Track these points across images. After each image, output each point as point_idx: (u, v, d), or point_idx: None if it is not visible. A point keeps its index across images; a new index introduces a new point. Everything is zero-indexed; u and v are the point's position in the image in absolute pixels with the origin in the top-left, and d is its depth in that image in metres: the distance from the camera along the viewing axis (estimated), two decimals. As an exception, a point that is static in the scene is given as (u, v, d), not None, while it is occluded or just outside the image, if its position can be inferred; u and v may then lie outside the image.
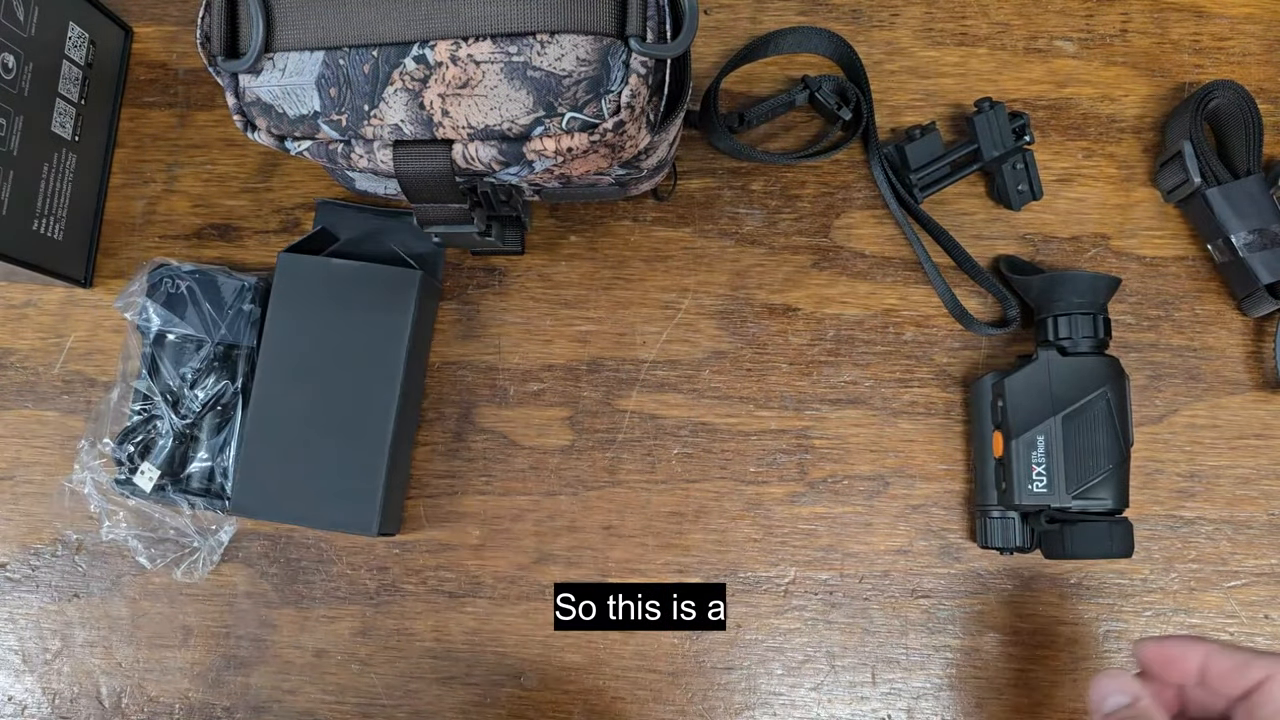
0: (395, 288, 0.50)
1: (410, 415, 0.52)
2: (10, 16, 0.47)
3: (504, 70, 0.38)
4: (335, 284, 0.51)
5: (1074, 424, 0.47)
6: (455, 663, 0.52)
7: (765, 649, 0.51)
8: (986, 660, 0.50)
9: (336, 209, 0.54)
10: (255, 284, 0.52)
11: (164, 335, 0.52)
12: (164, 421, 0.51)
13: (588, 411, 0.53)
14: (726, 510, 0.52)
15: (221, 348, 0.52)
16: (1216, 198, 0.49)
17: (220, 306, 0.52)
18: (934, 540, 0.51)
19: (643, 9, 0.37)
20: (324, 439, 0.50)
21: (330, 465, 0.49)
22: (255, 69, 0.40)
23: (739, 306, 0.53)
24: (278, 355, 0.51)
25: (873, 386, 0.52)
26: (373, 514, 0.49)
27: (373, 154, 0.40)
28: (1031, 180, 0.52)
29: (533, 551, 0.52)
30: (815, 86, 0.52)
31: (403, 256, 0.52)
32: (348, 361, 0.50)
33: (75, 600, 0.53)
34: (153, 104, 0.56)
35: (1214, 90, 0.50)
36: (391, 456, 0.49)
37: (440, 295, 0.54)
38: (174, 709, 0.52)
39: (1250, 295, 0.50)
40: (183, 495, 0.51)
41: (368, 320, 0.50)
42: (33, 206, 0.50)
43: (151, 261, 0.53)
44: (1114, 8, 0.54)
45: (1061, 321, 0.48)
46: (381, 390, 0.50)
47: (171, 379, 0.51)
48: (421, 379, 0.53)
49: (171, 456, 0.51)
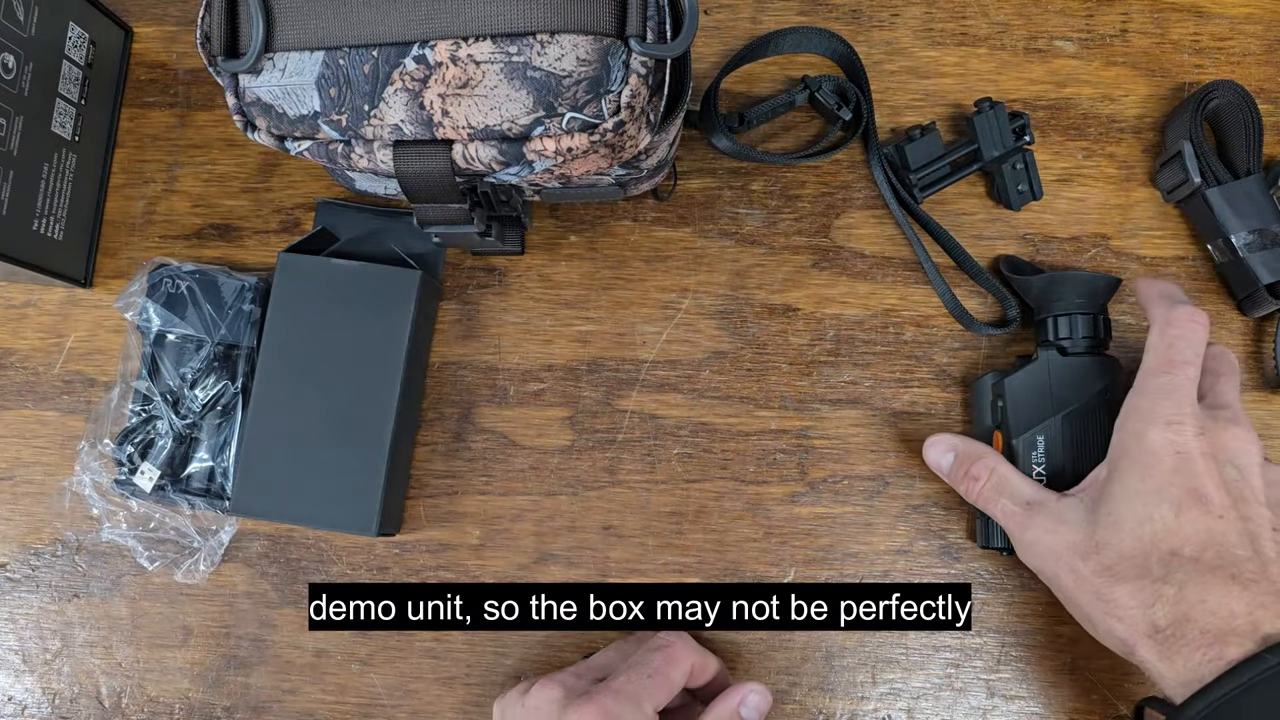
0: (395, 288, 0.50)
1: (410, 415, 0.52)
2: (10, 16, 0.47)
3: (504, 70, 0.38)
4: (335, 284, 0.51)
5: (1074, 424, 0.47)
6: (455, 663, 0.52)
7: (765, 648, 0.51)
8: (986, 660, 0.50)
9: (336, 209, 0.54)
10: (255, 284, 0.52)
11: (164, 335, 0.52)
12: (164, 422, 0.51)
13: (588, 411, 0.53)
14: (726, 510, 0.52)
15: (221, 348, 0.52)
16: (1216, 198, 0.49)
17: (220, 306, 0.52)
18: (934, 540, 0.51)
19: (643, 9, 0.37)
20: (324, 439, 0.50)
21: (330, 465, 0.49)
22: (255, 69, 0.40)
23: (739, 306, 0.53)
24: (278, 355, 0.51)
25: (873, 386, 0.52)
26: (373, 514, 0.49)
27: (373, 154, 0.40)
28: (1031, 180, 0.52)
29: (533, 551, 0.52)
30: (815, 86, 0.52)
31: (403, 256, 0.52)
32: (348, 361, 0.50)
33: (75, 600, 0.53)
34: (153, 104, 0.56)
35: (1214, 90, 0.50)
36: (391, 456, 0.49)
37: (441, 295, 0.54)
38: (174, 709, 0.52)
39: (1250, 295, 0.50)
40: (183, 495, 0.51)
41: (368, 320, 0.50)
42: (33, 206, 0.50)
43: (151, 261, 0.53)
44: (1114, 8, 0.54)
45: (1061, 321, 0.48)
46: (382, 390, 0.50)
47: (171, 379, 0.52)
48: (422, 379, 0.53)
49: (171, 457, 0.51)
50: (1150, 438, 0.40)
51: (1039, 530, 0.42)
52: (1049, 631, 0.50)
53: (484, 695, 0.51)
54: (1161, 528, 0.39)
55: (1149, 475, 0.40)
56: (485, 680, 0.51)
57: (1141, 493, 0.40)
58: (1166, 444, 0.40)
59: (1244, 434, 0.41)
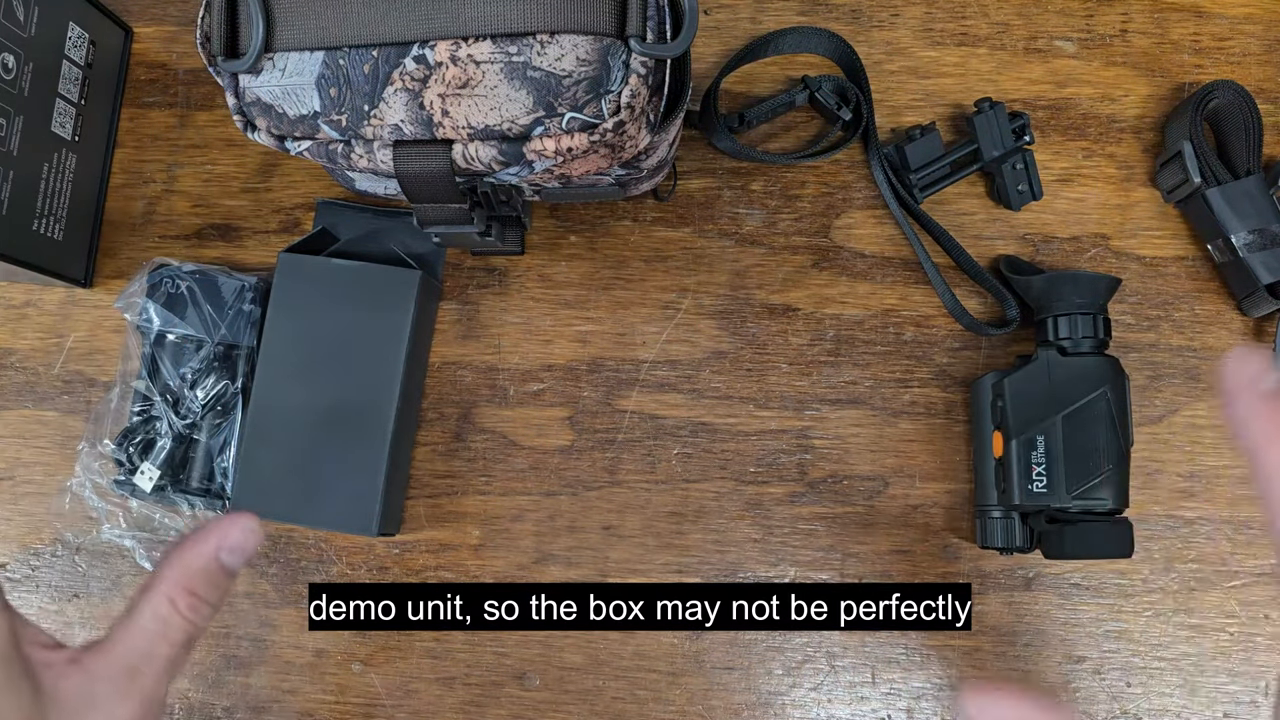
0: (395, 288, 0.50)
1: (410, 415, 0.52)
2: (10, 16, 0.47)
3: (504, 70, 0.38)
4: (335, 284, 0.51)
5: (1074, 424, 0.47)
6: (455, 663, 0.52)
7: (765, 649, 0.51)
8: (986, 660, 0.50)
9: (336, 209, 0.54)
10: (255, 284, 0.52)
11: (164, 335, 0.52)
12: (163, 422, 0.51)
13: (588, 411, 0.53)
14: (726, 510, 0.52)
15: (221, 348, 0.52)
16: (1216, 198, 0.49)
17: (220, 306, 0.52)
18: (934, 540, 0.51)
19: (643, 9, 0.37)
20: (324, 439, 0.50)
21: (330, 465, 0.49)
22: (255, 69, 0.40)
23: (739, 306, 0.53)
24: (278, 355, 0.51)
25: (873, 386, 0.52)
26: (373, 514, 0.49)
27: (373, 154, 0.40)
28: (1031, 180, 0.52)
29: (532, 551, 0.52)
30: (815, 86, 0.52)
31: (403, 257, 0.52)
32: (348, 361, 0.50)
33: (75, 600, 0.53)
34: (153, 104, 0.56)
35: (1214, 90, 0.50)
36: (391, 457, 0.49)
37: (440, 295, 0.54)
38: (174, 709, 0.52)
39: (1250, 295, 0.50)
40: (183, 496, 0.51)
41: (368, 320, 0.50)
42: (33, 206, 0.50)
43: (151, 262, 0.53)
44: (1114, 8, 0.54)
45: (1061, 321, 0.48)
46: (382, 390, 0.50)
47: (171, 379, 0.51)
48: (422, 379, 0.53)
49: (171, 457, 0.51)
50: None
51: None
52: (1048, 631, 0.50)
53: (484, 695, 0.51)
54: None
55: None
56: (485, 680, 0.51)
57: None
58: None
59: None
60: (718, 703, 0.51)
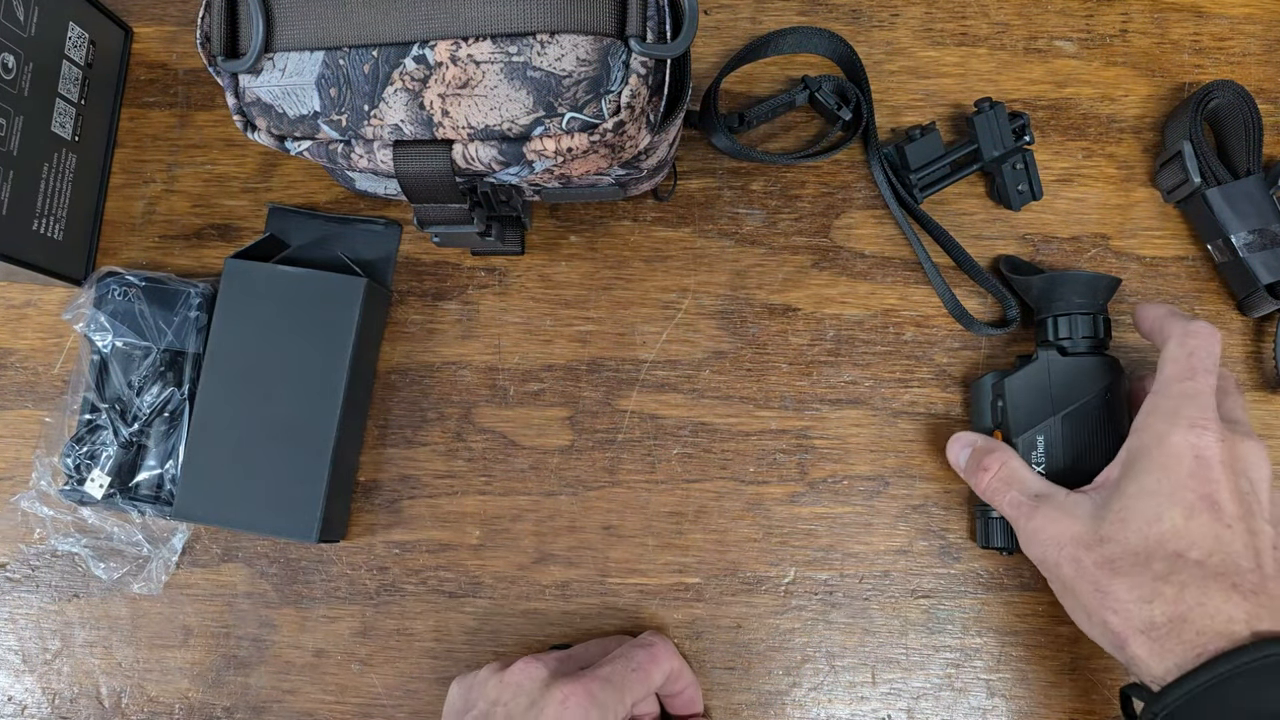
0: (340, 295, 0.50)
1: (355, 423, 0.51)
2: (10, 16, 0.47)
3: (504, 70, 0.38)
4: (281, 290, 0.50)
5: (1074, 424, 0.47)
6: (455, 663, 0.52)
7: (765, 649, 0.51)
8: (986, 660, 0.50)
9: (287, 214, 0.54)
10: (203, 290, 0.52)
11: (112, 344, 0.52)
12: (108, 431, 0.51)
13: (588, 411, 0.53)
14: (726, 510, 0.52)
15: (168, 354, 0.51)
16: (1216, 198, 0.49)
17: (168, 314, 0.51)
18: (934, 540, 0.51)
19: (643, 9, 0.37)
20: (267, 445, 0.49)
21: (273, 471, 0.49)
22: (255, 69, 0.40)
23: (739, 306, 0.53)
24: (222, 361, 0.50)
25: (873, 386, 0.52)
26: (314, 521, 0.48)
27: (373, 154, 0.40)
28: (1031, 180, 0.52)
29: (533, 551, 0.52)
30: (815, 86, 0.52)
31: (349, 264, 0.52)
32: (292, 368, 0.50)
33: (75, 600, 0.53)
34: (153, 104, 0.56)
35: (1214, 90, 0.50)
36: (334, 464, 0.49)
37: (390, 302, 0.53)
38: (174, 709, 0.52)
39: (1250, 295, 0.50)
40: (131, 503, 0.51)
41: (313, 327, 0.50)
42: (33, 206, 0.50)
43: (99, 271, 0.53)
44: (1114, 8, 0.54)
45: (1061, 321, 0.48)
46: (325, 397, 0.49)
47: (120, 387, 0.51)
48: (369, 386, 0.52)
49: (119, 464, 0.51)
50: (1173, 439, 0.40)
51: (1044, 520, 0.43)
52: (1049, 631, 0.50)
53: (484, 695, 0.51)
54: (1170, 528, 0.39)
55: (1166, 476, 0.40)
56: (485, 680, 0.51)
57: (1155, 492, 0.40)
58: (1188, 447, 0.40)
59: (1259, 449, 0.41)
60: (718, 703, 0.51)
